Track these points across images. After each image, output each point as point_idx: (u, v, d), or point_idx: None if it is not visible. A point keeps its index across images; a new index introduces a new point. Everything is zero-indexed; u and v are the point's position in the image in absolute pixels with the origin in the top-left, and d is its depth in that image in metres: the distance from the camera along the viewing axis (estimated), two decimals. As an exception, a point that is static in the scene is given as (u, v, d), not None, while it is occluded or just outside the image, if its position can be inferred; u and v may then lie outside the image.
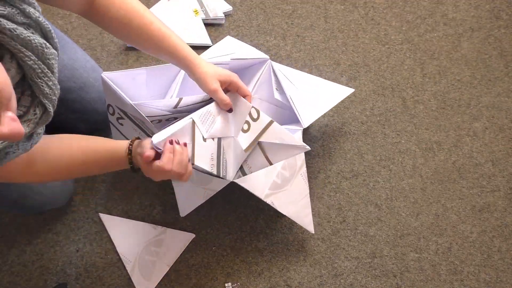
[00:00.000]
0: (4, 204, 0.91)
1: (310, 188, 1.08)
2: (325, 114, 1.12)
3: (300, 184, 0.93)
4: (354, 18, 1.27)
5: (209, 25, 1.27)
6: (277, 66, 0.96)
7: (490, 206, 1.08)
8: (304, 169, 0.93)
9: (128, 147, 0.75)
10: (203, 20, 1.27)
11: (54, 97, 0.54)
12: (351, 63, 1.22)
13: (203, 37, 1.24)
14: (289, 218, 1.04)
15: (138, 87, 0.96)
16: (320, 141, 1.13)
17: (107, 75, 0.88)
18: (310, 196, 1.07)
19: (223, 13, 1.29)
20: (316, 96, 1.00)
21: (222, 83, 0.80)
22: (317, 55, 1.22)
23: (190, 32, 1.26)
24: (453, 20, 1.27)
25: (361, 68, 1.21)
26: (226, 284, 0.98)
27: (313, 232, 1.01)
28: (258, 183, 0.87)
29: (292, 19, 1.27)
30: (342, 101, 1.17)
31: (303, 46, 1.23)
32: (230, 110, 0.82)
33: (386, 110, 1.17)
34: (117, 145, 0.76)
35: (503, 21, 1.27)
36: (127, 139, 0.96)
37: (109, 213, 1.04)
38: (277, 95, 0.95)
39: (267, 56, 0.97)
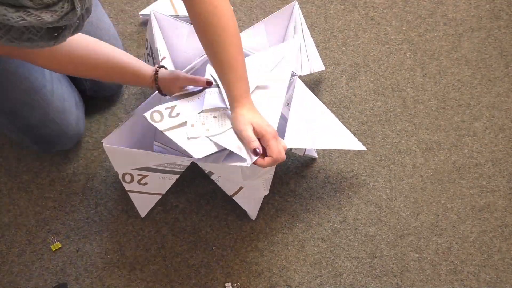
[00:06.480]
0: (22, 128, 0.94)
1: (310, 188, 1.08)
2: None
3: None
4: (354, 18, 1.27)
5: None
6: (300, 86, 0.95)
7: (490, 206, 1.08)
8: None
9: (154, 77, 0.83)
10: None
11: (85, 0, 0.54)
12: (351, 63, 1.22)
13: None
14: (289, 218, 1.05)
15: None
16: (320, 141, 1.13)
17: (108, 143, 0.86)
18: (310, 196, 1.07)
19: (223, 13, 1.28)
20: (318, 131, 0.95)
21: (254, 130, 0.76)
22: (317, 55, 1.22)
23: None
24: (453, 20, 1.27)
25: (361, 68, 1.21)
26: (226, 284, 0.98)
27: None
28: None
29: (292, 19, 1.26)
30: (342, 101, 1.17)
31: (303, 46, 1.23)
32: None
33: (386, 110, 1.17)
34: (142, 70, 0.84)
35: (503, 21, 1.27)
36: (153, 194, 0.96)
37: (109, 213, 1.04)
38: (284, 110, 0.95)
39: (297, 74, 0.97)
